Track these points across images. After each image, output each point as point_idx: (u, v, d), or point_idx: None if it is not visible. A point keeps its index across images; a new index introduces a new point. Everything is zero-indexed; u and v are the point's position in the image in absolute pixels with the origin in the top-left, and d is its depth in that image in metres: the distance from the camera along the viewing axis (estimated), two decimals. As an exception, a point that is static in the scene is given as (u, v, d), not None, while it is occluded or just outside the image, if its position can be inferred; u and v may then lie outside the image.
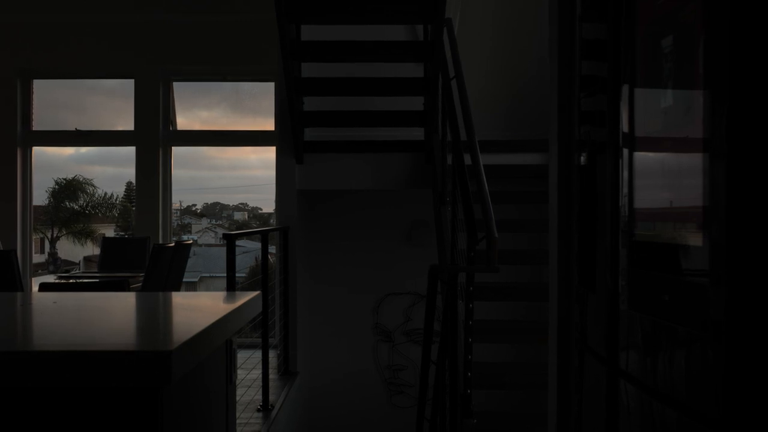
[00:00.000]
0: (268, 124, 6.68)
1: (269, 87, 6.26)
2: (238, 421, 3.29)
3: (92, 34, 6.79)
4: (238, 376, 2.92)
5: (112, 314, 1.53)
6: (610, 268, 1.66)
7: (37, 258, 9.26)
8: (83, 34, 6.80)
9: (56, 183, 13.20)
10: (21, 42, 6.81)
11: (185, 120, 7.50)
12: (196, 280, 9.86)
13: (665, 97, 1.47)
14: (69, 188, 13.21)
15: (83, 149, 9.73)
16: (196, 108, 8.19)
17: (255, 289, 1.96)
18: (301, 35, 4.27)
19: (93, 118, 8.58)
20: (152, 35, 6.79)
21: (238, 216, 11.00)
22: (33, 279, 7.15)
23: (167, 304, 1.53)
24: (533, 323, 3.78)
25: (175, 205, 8.18)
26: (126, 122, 7.13)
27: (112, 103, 8.09)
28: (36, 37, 6.80)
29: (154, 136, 7.01)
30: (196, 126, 8.51)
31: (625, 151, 1.64)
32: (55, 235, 13.13)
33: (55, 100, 7.92)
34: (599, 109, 1.82)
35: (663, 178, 1.47)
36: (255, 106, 8.04)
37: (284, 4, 3.60)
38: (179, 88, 7.24)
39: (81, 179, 13.36)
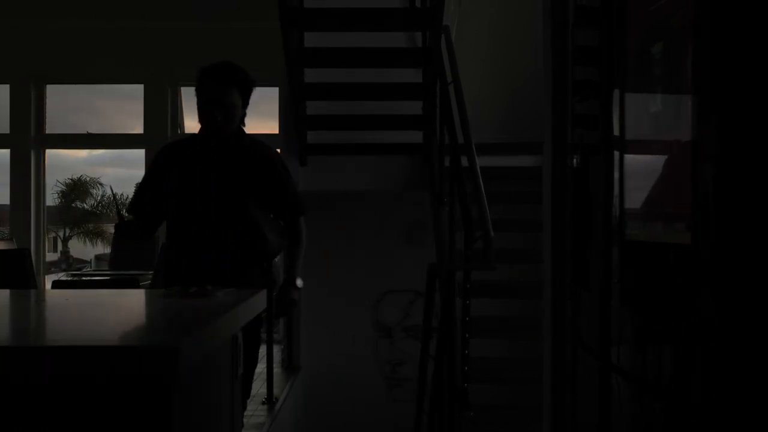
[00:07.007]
0: (274, 127, 6.75)
1: (275, 91, 6.32)
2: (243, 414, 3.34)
3: (103, 40, 6.87)
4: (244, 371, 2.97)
5: (123, 311, 1.58)
6: (602, 267, 1.71)
7: (50, 256, 9.34)
8: (94, 39, 6.88)
9: (64, 184, 13.25)
10: (34, 47, 6.90)
11: (197, 123, 7.57)
12: (203, 279, 9.89)
13: (655, 102, 1.52)
14: (77, 188, 13.25)
15: (96, 152, 9.87)
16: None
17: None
18: (304, 42, 4.32)
19: (107, 121, 8.68)
20: (161, 41, 6.86)
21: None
22: (46, 277, 7.24)
23: (175, 301, 1.58)
24: (529, 320, 3.82)
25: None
26: (140, 126, 7.25)
27: (127, 107, 8.20)
28: (48, 42, 6.88)
29: (163, 139, 7.09)
30: (208, 129, 8.52)
31: (617, 154, 1.69)
32: (67, 235, 13.20)
33: (68, 104, 8.03)
34: (592, 113, 1.87)
35: (653, 180, 1.52)
36: (262, 109, 8.11)
37: (288, 12, 3.65)
38: (191, 93, 7.31)
39: (87, 179, 13.41)
